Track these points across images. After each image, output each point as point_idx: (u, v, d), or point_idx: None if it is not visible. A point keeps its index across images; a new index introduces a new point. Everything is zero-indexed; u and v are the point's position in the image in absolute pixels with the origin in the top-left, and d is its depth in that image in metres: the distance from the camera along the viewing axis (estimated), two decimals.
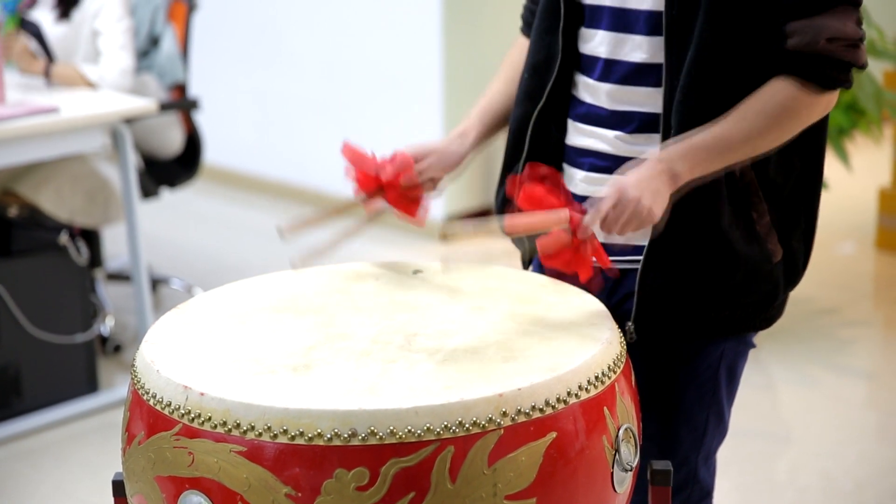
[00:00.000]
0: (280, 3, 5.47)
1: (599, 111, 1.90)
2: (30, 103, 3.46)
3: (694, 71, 1.77)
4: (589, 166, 1.91)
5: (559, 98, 1.95)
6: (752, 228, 1.84)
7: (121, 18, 3.85)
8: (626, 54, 1.86)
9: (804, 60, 1.75)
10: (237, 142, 5.77)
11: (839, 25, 1.75)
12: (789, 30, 1.75)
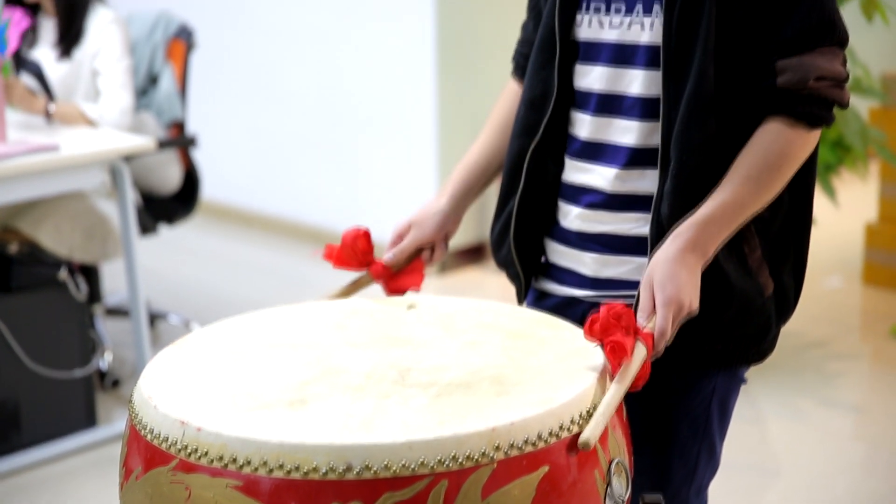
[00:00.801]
0: (277, 44, 5.49)
1: (594, 146, 1.90)
2: (30, 141, 3.47)
3: (693, 104, 1.77)
4: (585, 203, 1.91)
5: (555, 133, 1.95)
6: (745, 262, 1.84)
7: (121, 58, 3.86)
8: (622, 88, 1.86)
9: (794, 98, 1.77)
10: (234, 178, 5.78)
11: (827, 65, 1.77)
12: (780, 67, 1.77)
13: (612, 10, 1.87)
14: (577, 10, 1.90)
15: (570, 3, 1.90)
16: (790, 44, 1.77)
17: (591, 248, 1.92)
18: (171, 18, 4.18)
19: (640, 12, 1.83)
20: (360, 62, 5.20)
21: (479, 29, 5.01)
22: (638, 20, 1.84)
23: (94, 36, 3.86)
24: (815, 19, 1.77)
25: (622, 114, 1.87)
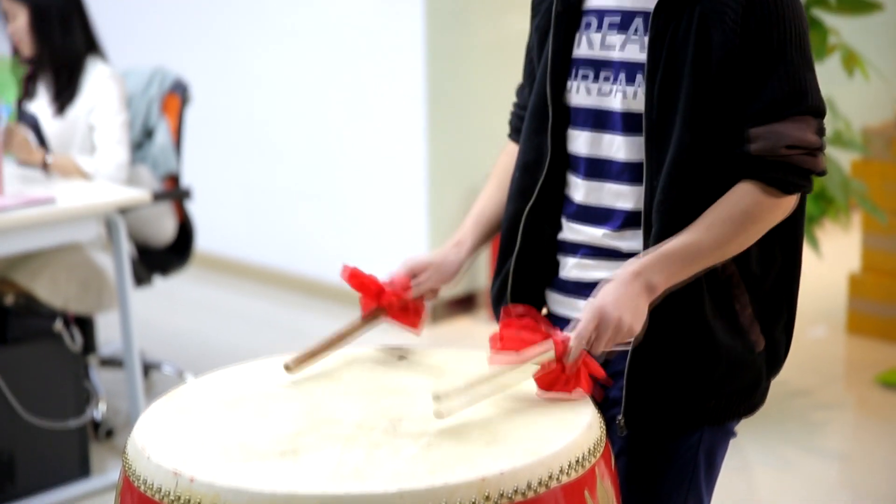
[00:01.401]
0: (271, 98, 5.51)
1: (587, 209, 1.92)
2: (27, 194, 3.47)
3: (673, 171, 1.80)
4: (581, 254, 1.93)
5: (550, 196, 1.97)
6: (735, 320, 1.86)
7: (117, 113, 3.87)
8: (609, 153, 1.89)
9: (766, 165, 1.80)
10: (228, 230, 5.78)
11: (799, 134, 1.80)
12: (752, 135, 1.80)
13: (599, 77, 1.89)
14: (567, 77, 1.93)
15: (561, 71, 1.93)
16: (762, 113, 1.80)
17: (587, 295, 1.92)
18: (166, 73, 4.20)
19: (624, 81, 1.86)
20: (353, 117, 5.22)
21: (470, 86, 5.04)
22: (621, 88, 1.87)
23: (91, 91, 3.87)
24: (786, 89, 1.80)
25: (612, 178, 1.89)
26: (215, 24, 5.65)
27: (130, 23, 5.84)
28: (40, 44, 3.87)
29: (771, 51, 1.79)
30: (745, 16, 1.78)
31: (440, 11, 4.90)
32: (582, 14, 1.92)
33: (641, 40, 1.84)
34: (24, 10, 3.86)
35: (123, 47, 5.35)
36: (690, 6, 1.79)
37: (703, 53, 1.79)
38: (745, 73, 1.79)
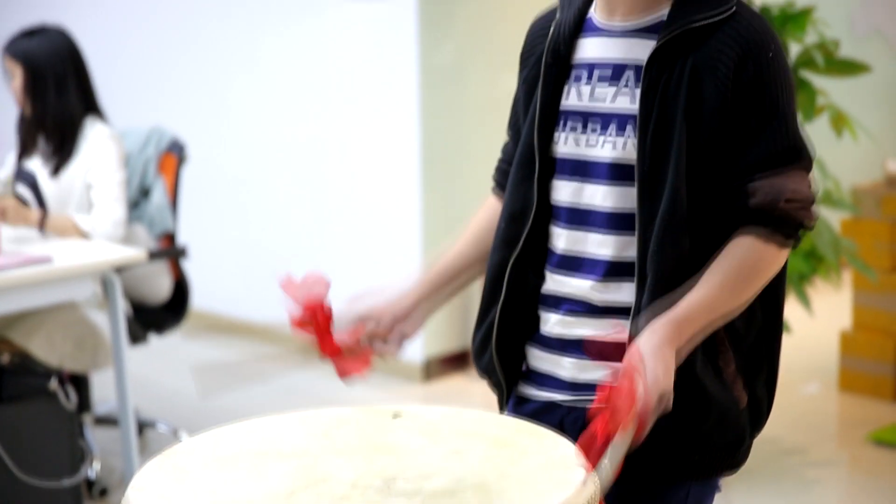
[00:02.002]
0: (266, 157, 5.53)
1: (573, 259, 1.92)
2: (24, 254, 3.47)
3: (666, 221, 1.80)
4: (565, 310, 1.93)
5: (535, 246, 1.97)
6: (720, 375, 1.85)
7: (115, 172, 3.88)
8: (595, 202, 1.89)
9: (767, 218, 1.80)
10: (223, 287, 5.78)
11: (796, 187, 1.81)
12: (751, 188, 1.81)
13: (587, 128, 1.90)
14: (555, 129, 1.94)
15: (548, 122, 1.94)
16: (760, 167, 1.81)
17: (571, 353, 1.93)
18: (163, 133, 4.22)
19: (614, 132, 1.87)
20: (348, 174, 5.24)
21: (464, 143, 5.06)
22: (611, 139, 1.87)
23: (89, 151, 3.88)
24: (783, 144, 1.81)
25: (596, 227, 1.89)
26: (212, 83, 5.67)
27: (128, 82, 5.87)
28: (35, 103, 3.88)
29: (764, 106, 1.80)
30: (738, 71, 1.79)
31: (434, 69, 4.93)
32: (571, 66, 1.94)
33: (632, 92, 1.85)
34: (21, 69, 3.88)
35: (121, 106, 5.38)
36: (683, 59, 1.81)
37: (695, 105, 1.80)
38: (738, 126, 1.81)
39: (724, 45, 1.81)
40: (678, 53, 1.82)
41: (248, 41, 5.48)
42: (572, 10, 1.96)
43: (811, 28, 3.97)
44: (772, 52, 1.82)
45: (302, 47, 5.28)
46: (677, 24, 1.82)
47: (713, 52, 1.81)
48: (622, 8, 1.90)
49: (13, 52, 3.90)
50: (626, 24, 1.90)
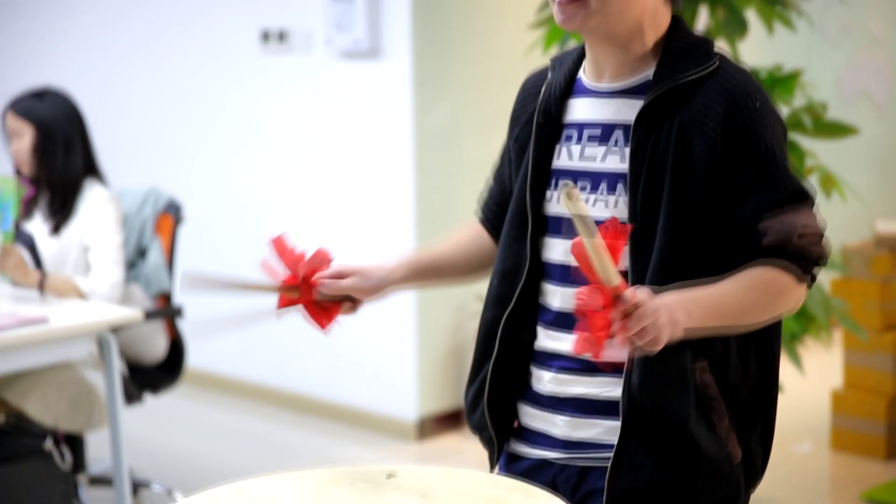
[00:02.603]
0: (261, 217, 5.54)
1: (566, 316, 1.92)
2: (21, 314, 3.47)
3: (657, 278, 1.81)
4: (557, 368, 1.93)
5: (528, 303, 1.98)
6: (713, 430, 1.84)
7: (113, 234, 3.88)
8: None
9: (782, 254, 1.80)
10: (218, 347, 5.76)
11: (807, 220, 1.81)
12: (762, 228, 1.80)
13: (577, 187, 1.91)
14: (546, 188, 1.95)
15: (540, 181, 1.96)
16: (768, 206, 1.80)
17: (563, 411, 1.93)
18: (160, 194, 4.23)
19: (605, 191, 1.89)
20: (344, 234, 5.25)
21: (458, 202, 5.08)
22: (602, 198, 1.89)
23: (87, 212, 3.89)
24: (786, 188, 1.82)
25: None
26: (209, 143, 5.70)
27: (126, 143, 5.89)
28: (42, 164, 3.89)
29: (760, 154, 1.81)
30: (726, 123, 1.81)
31: (429, 130, 4.96)
32: (562, 126, 1.96)
33: (622, 151, 1.87)
34: (31, 129, 3.89)
35: (119, 167, 5.39)
36: (670, 117, 1.82)
37: (683, 162, 1.81)
38: (733, 178, 1.81)
39: (709, 99, 1.82)
40: (665, 112, 1.84)
41: (246, 102, 5.51)
42: (563, 72, 1.99)
43: (799, 91, 4.00)
44: (758, 102, 1.83)
45: (299, 107, 5.32)
46: (663, 83, 1.84)
47: (699, 107, 1.82)
48: (610, 70, 1.93)
49: (23, 113, 3.91)
50: (614, 85, 1.92)
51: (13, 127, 3.92)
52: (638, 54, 1.90)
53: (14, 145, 3.93)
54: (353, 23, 4.95)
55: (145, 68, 5.87)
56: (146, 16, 5.78)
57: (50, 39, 6.23)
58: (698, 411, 1.83)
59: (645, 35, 1.89)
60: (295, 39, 5.23)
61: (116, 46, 5.94)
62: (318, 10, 5.09)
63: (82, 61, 6.08)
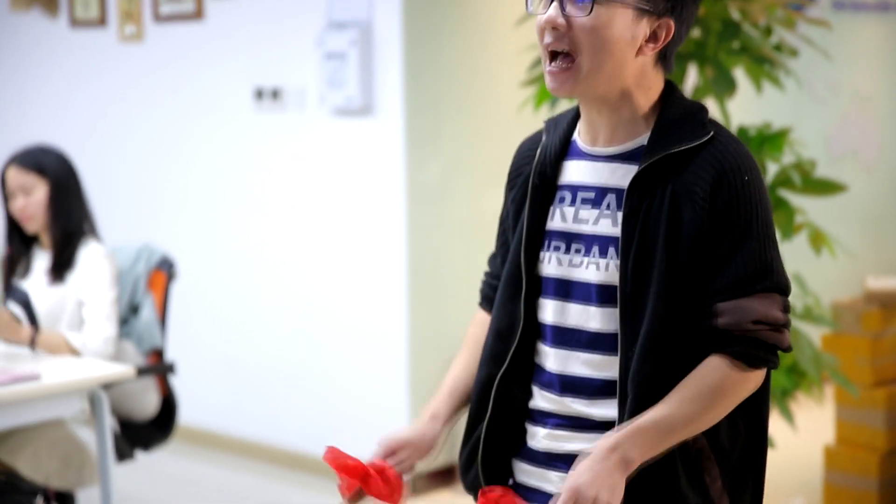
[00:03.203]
0: (254, 274, 5.53)
1: (559, 376, 1.92)
2: (12, 371, 3.45)
3: (648, 343, 1.81)
4: (552, 425, 1.93)
5: (522, 363, 1.98)
6: (707, 493, 1.84)
7: (107, 290, 3.88)
8: (575, 322, 1.90)
9: (733, 339, 1.81)
10: (211, 403, 5.74)
11: (765, 310, 1.82)
12: (719, 309, 1.82)
13: (571, 250, 1.92)
14: (541, 249, 1.96)
15: (535, 242, 1.96)
16: (730, 288, 1.82)
17: (558, 467, 1.92)
18: (153, 250, 4.22)
19: (597, 254, 1.89)
20: (335, 291, 5.24)
21: (449, 259, 5.08)
22: (594, 261, 1.89)
23: (83, 268, 3.88)
24: (753, 266, 1.83)
25: (581, 348, 1.90)
26: (202, 200, 5.70)
27: (120, 200, 5.90)
28: (54, 218, 3.89)
29: (738, 229, 1.82)
30: (713, 194, 1.82)
31: (421, 186, 4.97)
32: (557, 188, 1.96)
33: (614, 215, 1.87)
34: (45, 184, 3.89)
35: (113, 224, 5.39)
36: (663, 185, 1.83)
37: (674, 230, 1.82)
38: (712, 249, 1.82)
39: (701, 169, 1.83)
40: (658, 179, 1.84)
41: (240, 158, 5.52)
42: (558, 134, 2.00)
43: (788, 148, 4.02)
44: (748, 176, 1.84)
45: (292, 163, 5.33)
46: (657, 152, 1.85)
47: (692, 177, 1.83)
48: (604, 134, 1.94)
49: (36, 167, 3.90)
50: (609, 149, 1.93)
51: (21, 182, 3.89)
52: (631, 118, 1.91)
53: (20, 201, 3.91)
54: (345, 80, 4.97)
55: (140, 124, 5.88)
56: (141, 71, 5.80)
57: (44, 95, 6.25)
58: (691, 473, 1.82)
59: (635, 98, 1.91)
60: (288, 97, 5.26)
61: (111, 102, 5.96)
62: (312, 68, 5.12)
63: (75, 117, 6.10)
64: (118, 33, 5.81)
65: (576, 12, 1.85)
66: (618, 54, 1.85)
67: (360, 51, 4.91)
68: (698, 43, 3.90)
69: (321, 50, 5.03)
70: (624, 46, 1.86)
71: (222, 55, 5.49)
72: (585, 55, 1.85)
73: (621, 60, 1.86)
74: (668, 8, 1.88)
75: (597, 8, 1.84)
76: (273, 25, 5.28)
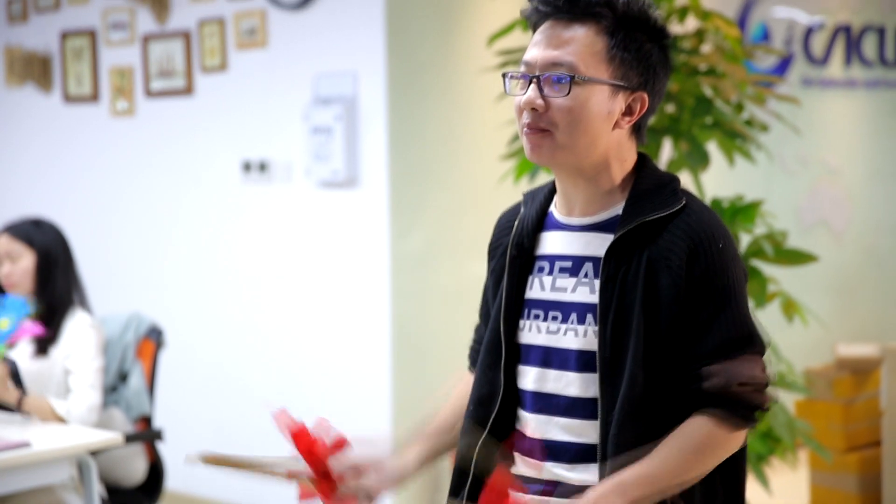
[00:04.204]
0: (240, 341, 5.52)
1: (539, 442, 1.92)
2: (3, 438, 3.42)
3: (627, 406, 1.82)
4: (534, 491, 1.93)
5: (503, 428, 1.98)
6: None
7: (93, 359, 3.87)
8: (553, 388, 1.90)
9: (719, 401, 1.81)
10: (198, 468, 5.68)
11: (749, 371, 1.83)
12: (706, 372, 1.82)
13: (549, 317, 1.93)
14: (520, 317, 1.96)
15: (514, 310, 1.97)
16: (715, 352, 1.83)
17: None
18: (142, 319, 4.22)
19: (575, 321, 1.90)
20: (321, 356, 5.23)
21: (432, 325, 5.08)
22: (573, 328, 1.90)
23: (70, 337, 3.88)
24: (736, 331, 1.84)
25: (560, 413, 1.90)
26: (190, 270, 5.70)
27: (109, 271, 5.89)
28: (40, 287, 3.90)
29: (717, 295, 1.83)
30: (690, 263, 1.83)
31: (404, 255, 4.98)
32: (535, 259, 1.97)
33: (591, 283, 1.88)
34: (32, 253, 3.90)
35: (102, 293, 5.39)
36: (639, 252, 1.85)
37: (651, 295, 1.83)
38: (692, 315, 1.83)
39: (676, 237, 1.85)
40: (634, 247, 1.86)
41: (227, 229, 5.53)
42: (535, 207, 2.01)
43: (760, 220, 4.05)
44: (721, 244, 1.86)
45: (279, 234, 5.34)
46: (632, 220, 1.87)
47: (667, 244, 1.85)
48: (580, 205, 1.95)
49: (23, 237, 3.92)
50: (584, 220, 1.95)
51: (8, 249, 3.92)
52: (606, 189, 1.93)
53: (6, 267, 3.92)
54: (331, 154, 5.00)
55: (131, 196, 5.89)
56: (133, 145, 5.82)
57: (38, 166, 6.26)
58: None
59: (612, 169, 1.93)
60: (275, 169, 5.28)
61: (103, 174, 5.97)
62: (298, 142, 5.15)
63: (68, 188, 6.11)
64: (110, 108, 5.85)
65: (554, 93, 1.87)
66: (595, 129, 1.88)
67: (346, 125, 4.95)
68: (673, 118, 3.94)
69: (307, 124, 5.06)
70: (601, 122, 1.88)
71: (211, 129, 5.52)
72: (563, 132, 1.87)
73: (598, 134, 1.88)
74: (641, 83, 1.91)
75: (574, 88, 1.86)
76: (261, 100, 5.32)
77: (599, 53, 1.87)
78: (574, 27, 1.88)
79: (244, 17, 5.27)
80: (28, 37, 6.15)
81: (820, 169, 6.80)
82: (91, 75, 5.88)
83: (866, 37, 6.93)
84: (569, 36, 1.88)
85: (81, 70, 5.92)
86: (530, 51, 1.91)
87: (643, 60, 1.89)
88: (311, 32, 5.09)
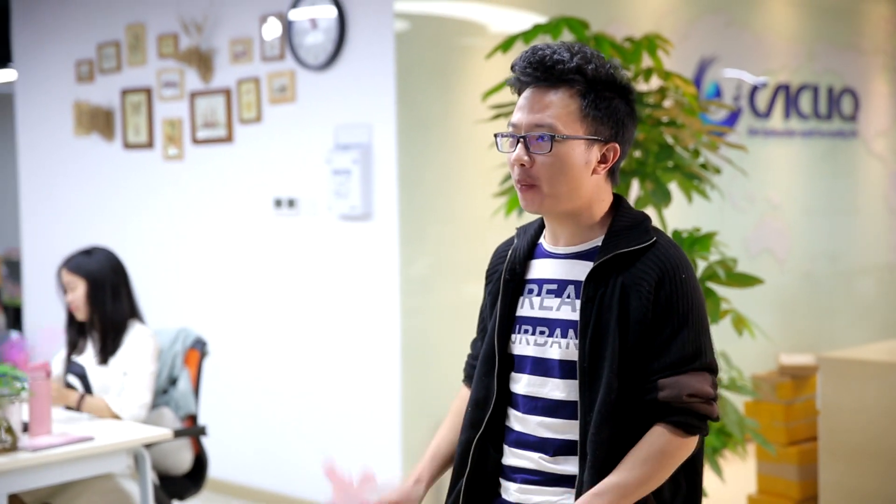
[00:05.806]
0: (273, 352, 5.51)
1: (527, 438, 1.92)
2: (70, 434, 3.42)
3: (603, 409, 1.82)
4: (521, 480, 1.93)
5: (496, 427, 1.98)
6: None
7: (148, 364, 3.87)
8: (543, 393, 1.91)
9: (672, 410, 1.82)
10: (237, 459, 5.67)
11: (698, 385, 1.83)
12: (660, 384, 1.83)
13: (537, 332, 1.93)
14: (512, 332, 1.97)
15: (507, 326, 1.97)
16: (669, 367, 1.83)
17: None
18: (189, 332, 4.22)
19: (559, 335, 1.90)
20: (340, 368, 5.22)
21: (437, 340, 5.08)
22: (557, 341, 1.90)
23: (131, 345, 3.88)
24: (689, 350, 1.84)
25: (546, 414, 1.90)
26: (228, 291, 5.70)
27: (162, 291, 5.89)
28: (94, 310, 3.90)
29: (677, 318, 1.84)
30: (657, 289, 1.83)
31: (412, 279, 4.99)
32: (525, 282, 1.98)
33: (573, 303, 1.89)
34: (83, 282, 3.90)
35: (155, 310, 5.39)
36: (615, 277, 1.85)
37: (624, 315, 1.83)
38: (655, 334, 1.84)
39: (647, 267, 1.86)
40: (610, 273, 1.86)
41: (262, 256, 5.54)
42: (526, 238, 2.03)
43: (714, 248, 4.05)
44: (684, 275, 1.86)
45: (304, 259, 5.34)
46: (610, 251, 1.88)
47: (638, 273, 1.86)
48: (564, 238, 1.96)
49: (75, 269, 3.93)
50: (568, 250, 1.95)
51: (67, 281, 3.93)
52: (587, 224, 1.94)
53: (69, 296, 3.93)
54: (349, 192, 5.01)
55: (181, 228, 5.90)
56: (182, 184, 5.84)
57: (103, 205, 6.27)
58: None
59: (592, 209, 1.94)
60: (302, 205, 5.29)
61: (157, 210, 5.98)
62: (322, 181, 5.17)
63: (128, 223, 6.12)
64: (163, 154, 5.86)
65: (538, 151, 1.88)
66: (575, 178, 1.88)
67: (362, 168, 4.96)
68: (639, 162, 3.95)
69: (329, 167, 5.07)
70: (580, 171, 1.89)
71: (248, 171, 5.53)
72: (547, 184, 1.88)
73: (579, 182, 1.89)
74: (612, 134, 1.91)
75: (556, 146, 1.87)
76: (290, 147, 5.33)
77: (574, 113, 1.88)
78: (552, 92, 1.88)
79: (276, 77, 5.29)
80: (94, 94, 6.17)
81: (764, 205, 6.81)
82: (147, 126, 5.90)
83: (802, 94, 6.95)
84: (548, 100, 1.88)
85: (139, 122, 5.94)
86: (516, 114, 1.92)
87: (613, 115, 1.90)
88: (333, 90, 5.11)
